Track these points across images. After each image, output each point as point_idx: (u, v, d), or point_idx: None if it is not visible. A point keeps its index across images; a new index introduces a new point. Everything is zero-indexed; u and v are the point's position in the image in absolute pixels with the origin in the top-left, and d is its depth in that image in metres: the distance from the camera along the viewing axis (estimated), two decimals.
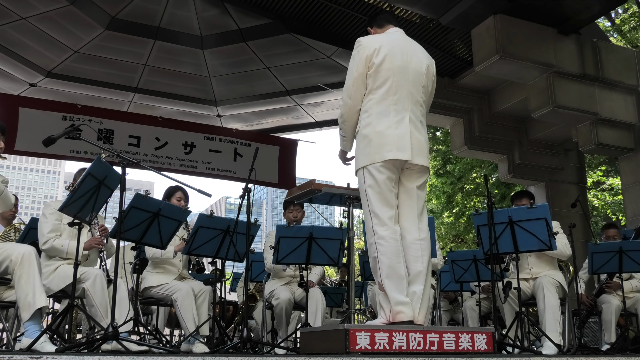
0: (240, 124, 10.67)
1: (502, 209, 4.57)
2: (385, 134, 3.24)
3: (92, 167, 3.74)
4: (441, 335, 3.01)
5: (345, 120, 3.45)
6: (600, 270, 5.23)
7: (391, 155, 3.20)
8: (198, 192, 4.23)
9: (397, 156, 3.21)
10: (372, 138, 3.25)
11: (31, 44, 8.10)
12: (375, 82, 3.32)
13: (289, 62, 8.79)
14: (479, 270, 5.29)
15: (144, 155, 9.19)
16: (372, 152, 3.24)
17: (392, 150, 3.21)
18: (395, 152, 3.21)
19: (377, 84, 3.32)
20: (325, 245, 4.85)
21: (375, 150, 3.23)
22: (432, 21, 7.41)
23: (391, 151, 3.21)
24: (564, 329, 4.68)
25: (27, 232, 5.10)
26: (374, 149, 3.24)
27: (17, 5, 7.31)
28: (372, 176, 3.23)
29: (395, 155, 3.21)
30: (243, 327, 4.13)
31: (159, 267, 5.00)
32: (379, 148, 3.22)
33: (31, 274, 3.58)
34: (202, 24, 8.21)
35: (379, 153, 3.22)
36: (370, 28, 3.67)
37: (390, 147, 3.21)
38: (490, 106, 8.87)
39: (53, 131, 4.12)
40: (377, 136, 3.24)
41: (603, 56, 7.58)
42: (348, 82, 3.39)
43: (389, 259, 3.13)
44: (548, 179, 9.17)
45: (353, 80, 3.36)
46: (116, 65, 8.84)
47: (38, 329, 3.52)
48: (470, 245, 14.78)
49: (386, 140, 3.23)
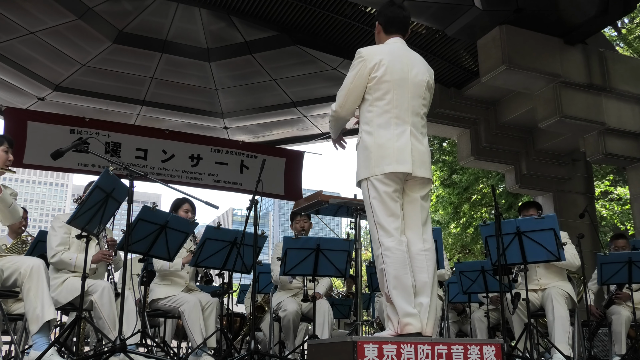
0: (247, 135, 10.70)
1: (509, 220, 4.55)
2: (386, 146, 3.23)
3: (99, 180, 3.77)
4: (449, 347, 2.99)
5: (332, 125, 3.57)
6: (610, 281, 5.19)
7: (391, 168, 3.19)
8: (205, 204, 4.24)
9: (397, 169, 3.20)
10: (373, 150, 3.25)
11: (39, 58, 8.18)
12: (375, 94, 3.31)
13: (295, 74, 8.82)
14: (487, 281, 5.27)
15: (151, 167, 9.22)
16: (372, 165, 3.23)
17: (392, 163, 3.20)
18: (396, 165, 3.20)
19: (377, 96, 3.31)
20: (332, 257, 4.85)
21: (375, 163, 3.22)
22: (437, 32, 7.43)
23: (391, 164, 3.20)
24: (574, 341, 4.65)
25: (36, 244, 5.12)
26: (374, 162, 3.23)
27: (26, 20, 7.39)
28: (375, 188, 3.23)
29: (395, 168, 3.20)
30: (250, 339, 4.12)
31: (167, 279, 5.01)
32: (379, 161, 3.22)
33: (40, 286, 3.59)
34: (209, 36, 8.26)
35: (379, 166, 3.21)
36: (378, 23, 3.61)
37: (390, 159, 3.20)
38: (497, 116, 8.86)
39: (61, 144, 4.14)
40: (378, 149, 3.24)
41: (610, 66, 7.57)
42: (341, 92, 3.38)
43: (396, 270, 3.12)
44: (556, 189, 9.13)
45: (347, 91, 3.36)
46: (123, 79, 8.90)
47: (46, 341, 3.52)
48: (478, 256, 14.72)
49: (387, 152, 3.22)
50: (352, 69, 3.38)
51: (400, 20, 3.53)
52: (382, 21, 3.57)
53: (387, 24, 3.54)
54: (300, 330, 5.76)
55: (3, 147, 3.89)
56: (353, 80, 3.34)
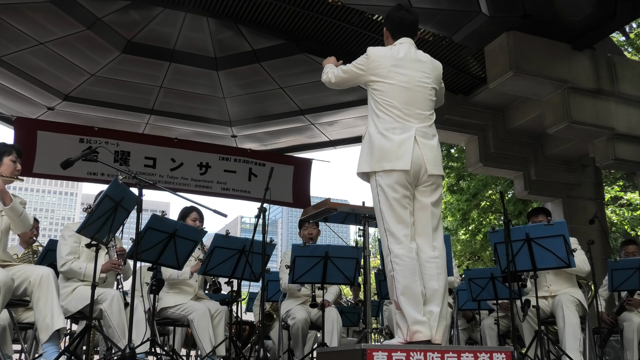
0: (255, 144, 10.72)
1: (519, 226, 4.53)
2: (390, 146, 3.25)
3: (109, 189, 3.79)
4: (459, 354, 2.97)
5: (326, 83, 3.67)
6: (621, 288, 5.15)
7: (389, 165, 3.21)
8: (214, 212, 4.25)
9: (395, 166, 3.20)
10: (376, 148, 3.28)
11: (49, 68, 8.24)
12: (381, 96, 3.35)
13: (303, 82, 8.84)
14: (497, 288, 5.24)
15: (159, 176, 9.25)
16: (374, 160, 3.27)
17: (391, 160, 3.22)
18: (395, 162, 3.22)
19: (382, 97, 3.35)
20: (341, 264, 4.83)
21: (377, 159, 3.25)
22: (444, 39, 7.43)
23: (390, 161, 3.22)
24: (585, 348, 4.61)
25: (46, 253, 5.15)
26: (376, 157, 3.26)
27: (35, 31, 7.46)
28: (384, 193, 3.23)
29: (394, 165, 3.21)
30: (259, 347, 4.12)
31: (176, 288, 5.01)
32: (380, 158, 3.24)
33: (49, 295, 3.61)
34: (217, 45, 8.30)
35: (379, 164, 3.24)
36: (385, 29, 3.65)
37: (390, 157, 3.23)
38: (505, 123, 8.84)
39: (71, 154, 4.18)
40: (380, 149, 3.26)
41: (618, 71, 7.54)
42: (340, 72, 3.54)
43: (405, 278, 3.11)
44: (565, 195, 9.08)
45: (345, 74, 3.52)
46: (132, 88, 8.95)
47: (56, 350, 3.54)
48: (487, 262, 14.64)
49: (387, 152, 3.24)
50: (356, 62, 3.49)
51: (408, 25, 3.54)
52: (389, 27, 3.60)
53: (395, 29, 3.57)
54: (309, 338, 5.75)
55: (11, 156, 3.93)
56: (350, 70, 3.49)
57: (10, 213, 3.76)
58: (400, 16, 3.55)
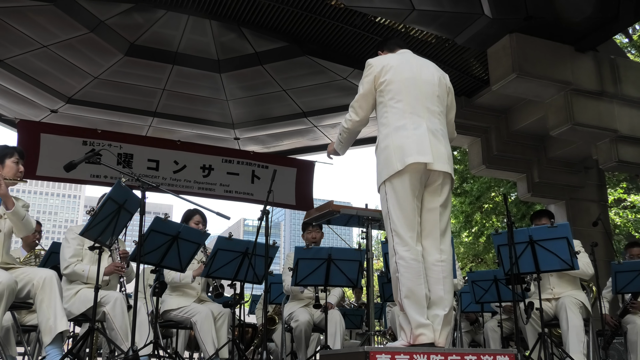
0: (258, 146, 10.73)
1: (522, 229, 4.53)
2: (404, 142, 3.26)
3: (112, 191, 3.79)
4: (463, 357, 2.97)
5: (346, 131, 3.68)
6: (625, 290, 5.14)
7: (412, 159, 3.20)
8: (217, 214, 4.26)
9: (418, 159, 3.20)
10: (392, 148, 3.27)
11: (52, 71, 8.26)
12: (388, 96, 3.39)
13: (306, 85, 8.85)
14: (500, 290, 5.23)
15: (162, 178, 9.26)
16: (393, 162, 3.24)
17: (412, 155, 3.21)
18: (416, 156, 3.21)
19: (390, 97, 3.38)
20: (344, 267, 4.83)
21: (398, 158, 3.23)
22: (447, 41, 7.43)
23: (412, 155, 3.21)
24: (589, 351, 4.60)
25: (49, 256, 5.15)
26: (395, 158, 3.24)
27: (39, 34, 7.48)
28: (394, 192, 3.22)
29: (416, 158, 3.20)
30: (262, 349, 4.11)
31: (178, 290, 5.02)
32: (401, 155, 3.23)
33: (52, 298, 3.62)
34: (219, 48, 8.31)
35: (401, 160, 3.22)
36: (380, 51, 3.74)
37: (410, 151, 3.22)
38: (508, 125, 8.83)
39: (74, 156, 4.19)
40: (397, 146, 3.26)
41: (621, 72, 7.53)
42: (355, 100, 3.57)
43: (410, 281, 3.11)
44: (568, 197, 9.06)
45: (359, 97, 3.54)
46: (135, 91, 8.96)
47: (59, 352, 3.54)
48: (490, 265, 14.62)
49: (406, 147, 3.24)
50: (362, 78, 3.54)
51: (398, 38, 3.70)
52: (382, 48, 3.78)
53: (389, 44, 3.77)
54: (312, 341, 5.74)
55: (13, 158, 3.94)
56: (363, 87, 3.51)
57: (13, 217, 3.76)
58: (388, 38, 3.74)
